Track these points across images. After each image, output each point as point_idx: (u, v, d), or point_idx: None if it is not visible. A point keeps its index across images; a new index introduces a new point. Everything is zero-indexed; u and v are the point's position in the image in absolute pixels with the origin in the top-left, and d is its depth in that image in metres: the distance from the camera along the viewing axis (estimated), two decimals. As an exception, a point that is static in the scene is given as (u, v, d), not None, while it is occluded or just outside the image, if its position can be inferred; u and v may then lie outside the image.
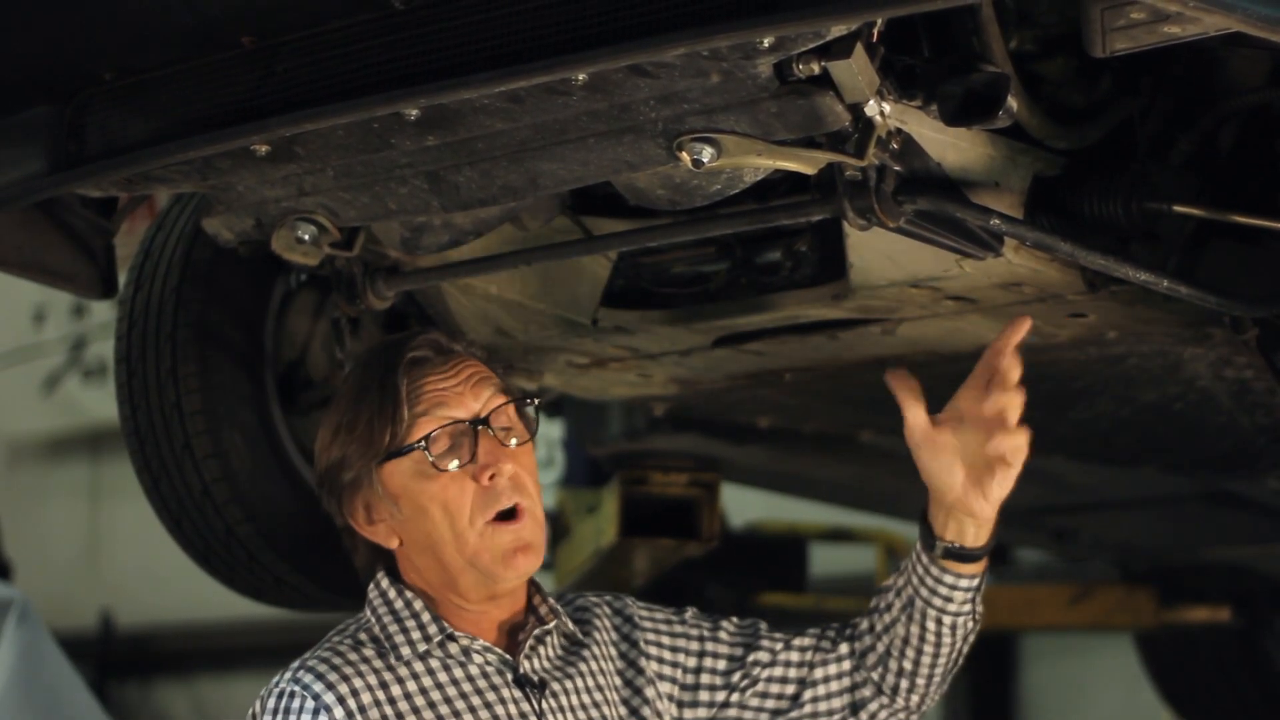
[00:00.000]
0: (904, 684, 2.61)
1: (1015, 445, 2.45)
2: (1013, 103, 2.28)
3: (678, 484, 4.17)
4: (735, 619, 2.70)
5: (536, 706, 2.45)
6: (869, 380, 3.28)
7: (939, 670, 2.61)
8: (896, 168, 2.41)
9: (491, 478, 2.42)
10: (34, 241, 2.84)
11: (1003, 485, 2.49)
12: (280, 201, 2.61)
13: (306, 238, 2.68)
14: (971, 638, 2.62)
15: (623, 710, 2.55)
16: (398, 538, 2.47)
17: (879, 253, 2.73)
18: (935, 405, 3.48)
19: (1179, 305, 2.82)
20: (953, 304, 2.87)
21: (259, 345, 3.15)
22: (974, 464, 2.47)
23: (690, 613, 2.67)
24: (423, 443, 2.42)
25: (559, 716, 2.47)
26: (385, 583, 2.49)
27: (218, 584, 3.27)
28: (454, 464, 2.42)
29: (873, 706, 2.63)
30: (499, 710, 2.43)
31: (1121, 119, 2.68)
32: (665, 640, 2.63)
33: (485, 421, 2.45)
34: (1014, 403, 2.44)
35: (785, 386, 3.36)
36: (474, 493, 2.42)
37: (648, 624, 2.64)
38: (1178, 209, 2.66)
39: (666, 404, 3.69)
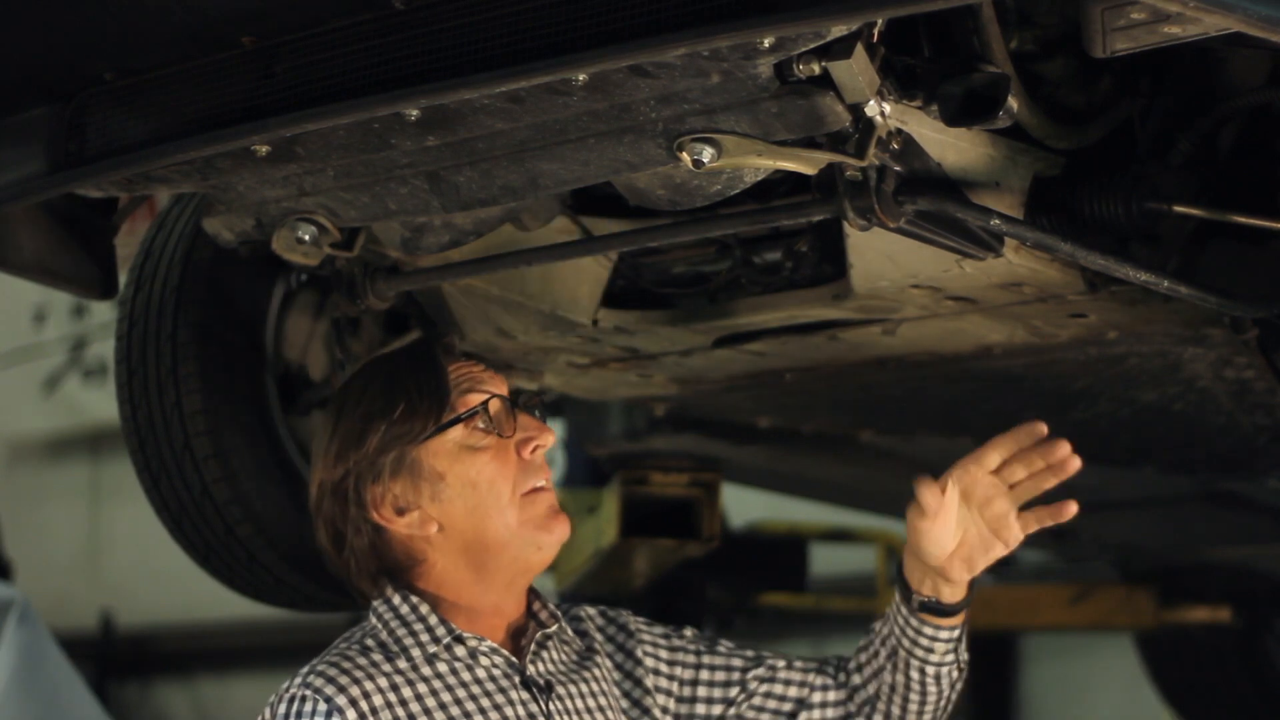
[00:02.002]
0: None
1: (1007, 546, 2.53)
2: (1013, 103, 2.28)
3: (678, 484, 4.17)
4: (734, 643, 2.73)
5: (544, 708, 2.46)
6: (869, 380, 3.28)
7: (926, 718, 2.63)
8: (897, 168, 2.41)
9: (534, 450, 2.49)
10: (34, 242, 2.84)
11: (990, 562, 2.53)
12: (280, 202, 2.61)
13: (307, 238, 2.68)
14: (959, 686, 2.64)
15: (620, 718, 2.56)
16: (436, 523, 2.47)
17: (879, 253, 2.73)
18: (934, 405, 3.49)
19: (1179, 305, 2.82)
20: (953, 304, 2.87)
21: (259, 346, 3.15)
22: (969, 541, 2.52)
23: (689, 631, 2.70)
24: (481, 408, 2.47)
25: (565, 718, 2.48)
26: (389, 589, 2.50)
27: (218, 584, 3.27)
28: (509, 430, 2.48)
29: None
30: (508, 711, 2.44)
31: (1121, 119, 2.68)
32: (663, 653, 2.65)
33: (517, 401, 2.52)
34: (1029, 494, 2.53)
35: (785, 386, 3.36)
36: (515, 465, 2.48)
37: (645, 636, 2.65)
38: (1178, 209, 2.66)
39: (667, 404, 3.69)
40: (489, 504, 2.47)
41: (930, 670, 2.59)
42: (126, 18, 2.36)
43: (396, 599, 2.48)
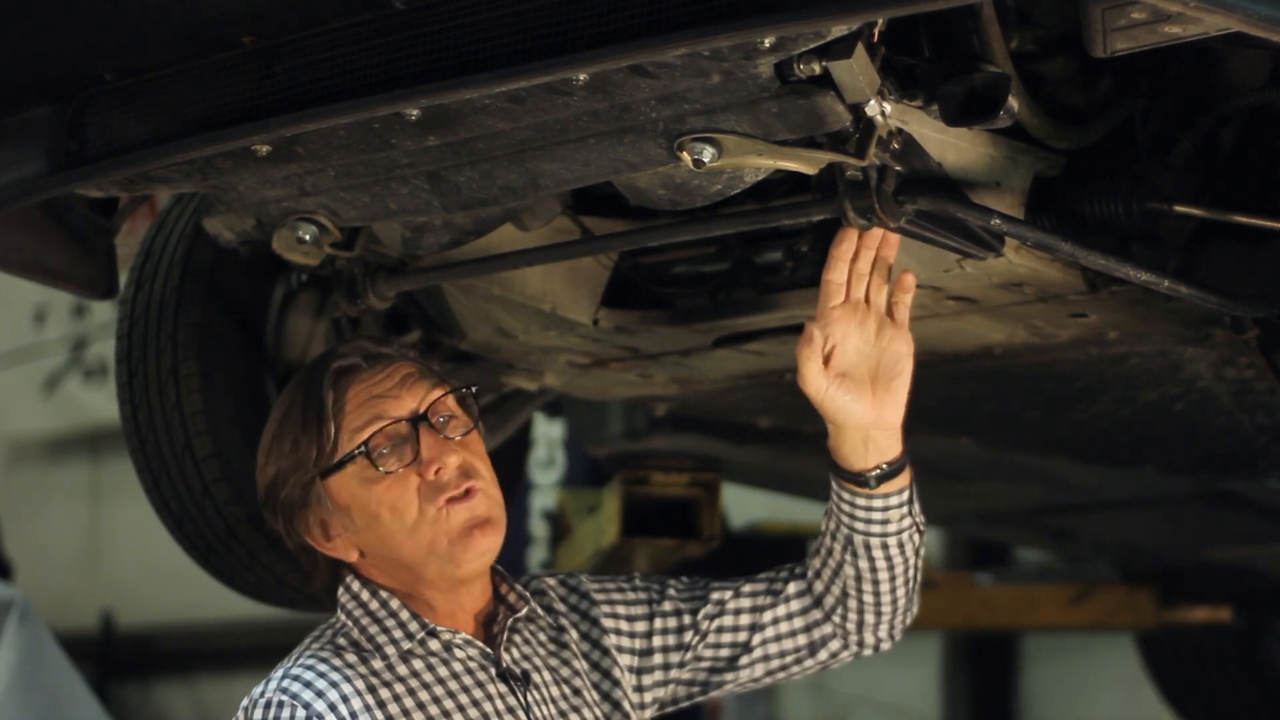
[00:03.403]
0: (869, 619, 2.64)
1: (907, 340, 2.50)
2: (1013, 103, 2.28)
3: (678, 484, 4.17)
4: (683, 578, 2.72)
5: (523, 700, 2.46)
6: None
7: (900, 593, 2.63)
8: (897, 168, 2.41)
9: (437, 472, 2.43)
10: (35, 241, 2.84)
11: (906, 382, 2.51)
12: (281, 201, 2.61)
13: (307, 238, 2.68)
14: (922, 549, 2.64)
15: (595, 694, 2.57)
16: (357, 549, 2.46)
17: (880, 253, 2.73)
18: (934, 405, 3.48)
19: (1180, 305, 2.82)
20: (954, 304, 2.87)
21: (260, 345, 3.15)
22: (876, 376, 2.50)
23: (639, 580, 2.70)
24: (362, 448, 2.42)
25: (543, 708, 2.48)
26: (356, 585, 2.48)
27: (218, 584, 3.27)
28: (396, 464, 2.42)
29: (834, 645, 2.67)
30: (487, 707, 2.43)
31: (1122, 119, 2.68)
32: (620, 610, 2.64)
33: (423, 418, 2.45)
34: (900, 295, 2.49)
35: (785, 386, 3.36)
36: (418, 486, 2.42)
37: (601, 597, 2.65)
38: (1178, 209, 2.65)
39: (667, 404, 3.68)
40: (395, 531, 2.43)
41: (893, 542, 2.58)
42: (127, 18, 2.36)
43: (365, 594, 2.47)
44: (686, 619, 2.66)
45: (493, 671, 2.46)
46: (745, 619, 2.66)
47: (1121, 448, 3.71)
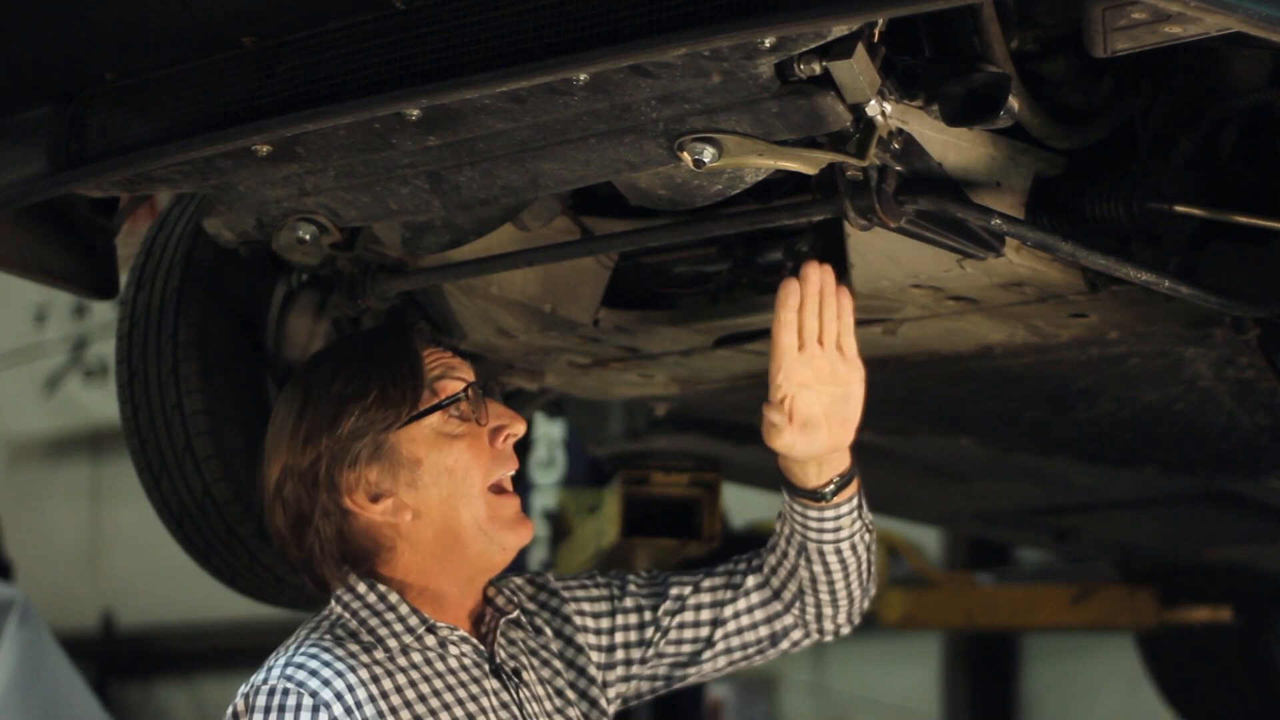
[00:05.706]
0: (827, 611, 2.68)
1: (860, 370, 2.53)
2: (1014, 103, 2.28)
3: (679, 484, 4.17)
4: (644, 573, 2.75)
5: (515, 696, 2.48)
6: (870, 380, 3.28)
7: (855, 586, 2.67)
8: (898, 168, 2.41)
9: (506, 438, 2.50)
10: (35, 242, 2.84)
11: (857, 410, 2.55)
12: (281, 201, 2.61)
13: (307, 238, 2.68)
14: (873, 544, 2.68)
15: (573, 693, 2.59)
16: (410, 510, 2.45)
17: (880, 253, 2.74)
18: (934, 405, 3.48)
19: (1180, 305, 2.82)
20: (954, 304, 2.87)
21: (260, 345, 3.15)
22: (831, 412, 2.53)
23: (601, 577, 2.72)
24: (463, 394, 2.47)
25: (533, 705, 2.50)
26: (353, 577, 2.48)
27: (218, 584, 3.27)
28: (484, 419, 2.48)
29: (795, 635, 2.70)
30: (483, 701, 2.45)
31: (1123, 119, 2.68)
32: (586, 607, 2.67)
33: (492, 386, 2.54)
34: (844, 328, 2.50)
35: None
36: (488, 454, 2.49)
37: (568, 595, 2.67)
38: (1179, 209, 2.66)
39: (668, 404, 3.68)
40: (461, 492, 2.46)
41: (845, 546, 2.61)
42: (127, 18, 2.36)
43: (362, 587, 2.47)
44: (647, 615, 2.67)
45: (486, 668, 2.48)
46: (706, 614, 2.68)
47: (1122, 448, 3.71)
